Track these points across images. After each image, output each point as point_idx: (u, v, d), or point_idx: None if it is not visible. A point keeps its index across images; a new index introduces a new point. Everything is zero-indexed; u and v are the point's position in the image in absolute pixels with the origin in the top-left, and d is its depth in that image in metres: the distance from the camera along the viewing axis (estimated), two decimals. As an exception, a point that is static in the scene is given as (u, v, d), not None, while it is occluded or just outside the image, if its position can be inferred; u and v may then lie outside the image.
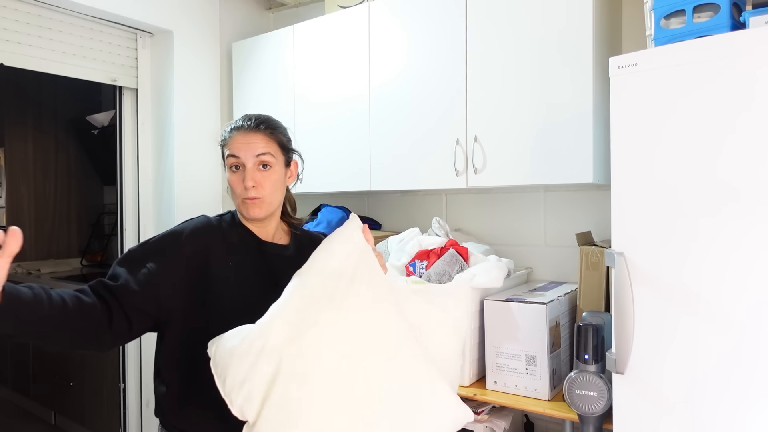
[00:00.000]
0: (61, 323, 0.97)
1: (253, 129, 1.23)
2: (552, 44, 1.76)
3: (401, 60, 2.12)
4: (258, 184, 1.19)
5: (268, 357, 0.91)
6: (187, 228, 1.20)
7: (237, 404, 0.91)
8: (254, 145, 1.21)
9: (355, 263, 1.02)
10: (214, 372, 0.95)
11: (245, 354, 0.92)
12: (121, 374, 2.73)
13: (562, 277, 2.09)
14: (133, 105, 2.66)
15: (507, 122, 1.85)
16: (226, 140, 1.24)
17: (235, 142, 1.22)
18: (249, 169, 1.19)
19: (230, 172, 1.22)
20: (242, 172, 1.20)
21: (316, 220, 2.38)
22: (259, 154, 1.20)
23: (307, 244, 1.33)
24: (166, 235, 1.18)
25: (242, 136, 1.21)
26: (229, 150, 1.22)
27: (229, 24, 2.84)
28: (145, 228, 2.64)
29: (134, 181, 2.67)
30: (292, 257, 1.27)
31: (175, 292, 1.12)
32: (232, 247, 1.21)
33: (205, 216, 1.26)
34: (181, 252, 1.15)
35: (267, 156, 1.21)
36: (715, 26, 1.30)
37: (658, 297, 1.25)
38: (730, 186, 1.16)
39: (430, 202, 2.46)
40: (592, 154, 1.69)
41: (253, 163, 1.19)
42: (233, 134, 1.23)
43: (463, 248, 1.90)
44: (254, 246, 1.25)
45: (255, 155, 1.20)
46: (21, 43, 2.23)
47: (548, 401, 1.61)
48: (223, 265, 1.17)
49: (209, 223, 1.24)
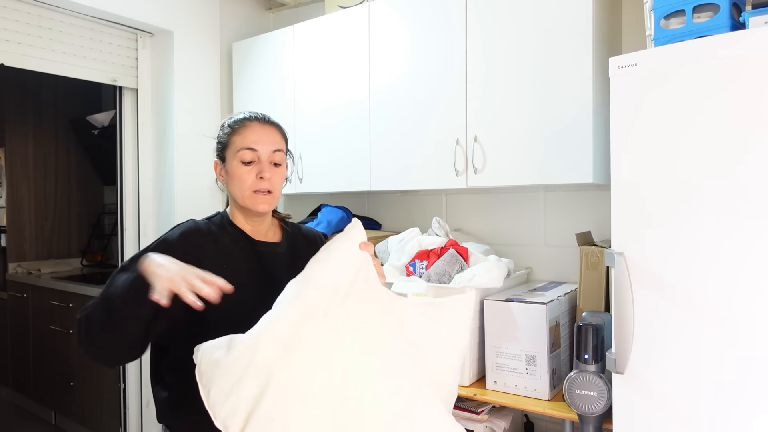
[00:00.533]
0: (139, 328, 0.99)
1: (268, 122, 1.21)
2: (552, 44, 1.76)
3: (401, 60, 2.12)
4: (271, 177, 1.18)
5: (256, 373, 0.87)
6: (174, 234, 1.16)
7: (220, 418, 0.87)
8: (272, 138, 1.19)
9: (353, 277, 0.99)
10: (198, 381, 0.91)
11: (231, 367, 0.88)
12: (121, 374, 2.73)
13: (562, 277, 2.09)
14: (134, 105, 2.66)
15: (507, 122, 1.85)
16: (235, 129, 1.19)
17: (252, 132, 1.18)
18: (264, 161, 1.17)
19: (239, 165, 1.17)
20: (256, 166, 1.17)
21: (316, 220, 2.38)
22: (276, 150, 1.19)
23: (301, 241, 1.32)
24: (157, 245, 1.14)
25: (260, 127, 1.19)
26: (243, 141, 1.17)
27: (229, 24, 2.85)
28: (145, 228, 2.65)
29: (134, 181, 2.67)
30: (286, 254, 1.25)
31: (175, 299, 1.11)
32: (225, 249, 1.19)
33: (192, 220, 1.22)
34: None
35: (281, 153, 1.20)
36: (714, 26, 1.30)
37: (658, 297, 1.25)
38: (730, 186, 1.16)
39: (430, 202, 2.46)
40: (592, 154, 1.69)
41: (268, 157, 1.18)
42: (247, 124, 1.19)
43: (463, 248, 1.90)
44: (247, 246, 1.22)
45: (272, 150, 1.18)
46: (21, 43, 2.23)
47: (548, 401, 1.61)
48: (217, 268, 1.10)
49: (198, 227, 1.20)
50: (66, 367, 3.30)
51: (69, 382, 3.27)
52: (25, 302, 3.64)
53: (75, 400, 3.25)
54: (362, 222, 1.09)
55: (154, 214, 2.67)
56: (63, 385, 3.33)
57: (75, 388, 3.24)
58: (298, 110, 2.46)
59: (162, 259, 0.97)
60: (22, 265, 3.86)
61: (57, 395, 3.40)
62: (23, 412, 3.69)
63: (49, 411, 3.51)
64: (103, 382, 3.00)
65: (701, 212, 1.19)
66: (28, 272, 3.76)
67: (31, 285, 3.61)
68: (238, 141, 1.18)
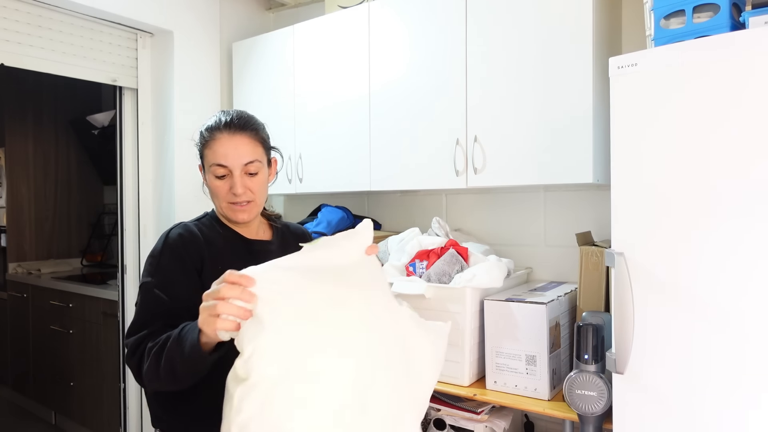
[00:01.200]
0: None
1: (237, 130, 1.14)
2: (552, 44, 1.76)
3: (401, 60, 2.12)
4: (246, 190, 1.14)
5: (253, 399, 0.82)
6: (172, 238, 1.14)
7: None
8: (241, 150, 1.13)
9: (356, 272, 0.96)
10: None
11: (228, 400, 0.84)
12: (121, 374, 2.73)
13: (562, 277, 2.09)
14: (134, 105, 2.66)
15: (507, 122, 1.85)
16: (206, 142, 1.15)
17: (220, 146, 1.13)
18: (237, 176, 1.13)
19: (212, 179, 1.15)
20: (229, 180, 1.14)
21: (316, 220, 2.38)
22: (247, 163, 1.13)
23: (290, 238, 1.31)
24: (161, 252, 1.12)
25: (228, 140, 1.13)
26: (213, 157, 1.13)
27: (229, 24, 2.85)
28: (145, 228, 2.64)
29: (134, 181, 2.67)
30: (277, 252, 1.23)
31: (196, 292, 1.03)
32: (219, 251, 1.17)
33: (183, 224, 1.19)
34: (183, 259, 1.11)
35: (255, 164, 1.15)
36: (714, 26, 1.30)
37: (658, 297, 1.25)
38: (730, 186, 1.16)
39: (430, 202, 2.46)
40: (592, 154, 1.69)
41: (241, 171, 1.13)
42: (216, 136, 1.14)
43: (463, 248, 1.90)
44: (241, 246, 1.21)
45: (243, 164, 1.13)
46: (21, 43, 2.23)
47: (548, 401, 1.61)
48: (215, 271, 1.03)
49: (190, 230, 1.17)
50: (66, 367, 3.30)
51: (69, 382, 3.27)
52: (25, 302, 3.64)
53: (75, 400, 3.25)
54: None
55: (154, 214, 2.67)
56: (63, 385, 3.33)
57: (75, 388, 3.24)
58: (298, 110, 2.46)
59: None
60: (22, 265, 3.86)
61: (57, 395, 3.40)
62: (23, 412, 3.70)
63: (49, 411, 3.51)
64: (103, 382, 3.00)
65: (701, 212, 1.19)
66: (28, 272, 3.76)
67: (31, 285, 3.61)
68: (210, 156, 1.14)
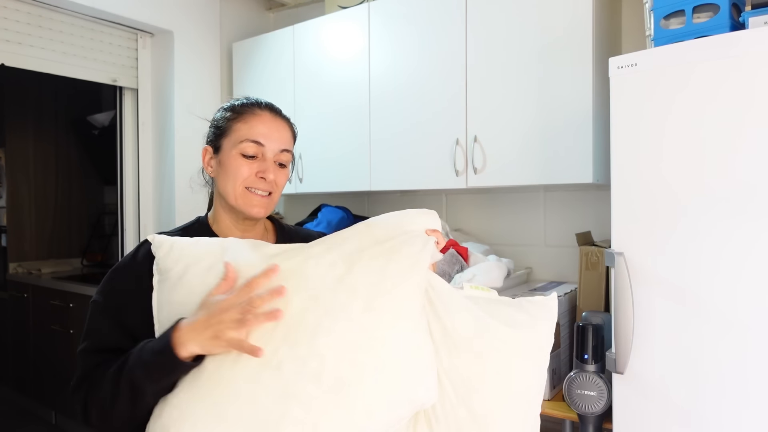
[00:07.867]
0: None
1: (279, 115, 1.03)
2: (552, 44, 1.76)
3: (401, 60, 2.12)
4: (273, 181, 1.00)
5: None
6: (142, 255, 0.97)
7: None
8: (283, 135, 1.01)
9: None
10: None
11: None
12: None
13: (561, 277, 2.09)
14: (134, 105, 2.66)
15: (507, 122, 1.85)
16: (239, 116, 1.00)
17: (261, 123, 0.99)
18: (269, 159, 0.99)
19: (237, 157, 0.98)
20: (259, 163, 0.99)
21: (316, 220, 2.38)
22: (284, 150, 1.01)
23: (298, 242, 1.19)
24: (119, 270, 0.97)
25: (271, 120, 1.01)
26: (248, 132, 0.98)
27: (229, 24, 2.85)
28: (145, 228, 2.65)
29: (134, 181, 2.67)
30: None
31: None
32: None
33: (176, 231, 1.04)
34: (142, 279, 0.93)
35: (287, 155, 1.02)
36: (714, 26, 1.30)
37: (657, 297, 1.25)
38: (730, 185, 1.16)
39: (430, 202, 2.46)
40: (591, 154, 1.69)
41: (274, 156, 1.00)
42: (257, 112, 1.01)
43: (463, 248, 1.90)
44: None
45: (280, 149, 1.00)
46: (21, 43, 2.23)
47: (548, 401, 1.60)
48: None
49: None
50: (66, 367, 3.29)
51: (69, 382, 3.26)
52: (25, 302, 3.64)
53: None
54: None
55: (154, 214, 2.67)
56: (63, 385, 3.32)
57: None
58: (298, 110, 2.46)
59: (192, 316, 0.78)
60: (22, 265, 3.86)
61: (57, 395, 3.40)
62: (23, 412, 3.69)
63: (49, 411, 3.51)
64: (103, 382, 2.99)
65: (701, 212, 1.19)
66: (28, 272, 3.76)
67: (31, 285, 3.61)
68: (243, 130, 0.98)
